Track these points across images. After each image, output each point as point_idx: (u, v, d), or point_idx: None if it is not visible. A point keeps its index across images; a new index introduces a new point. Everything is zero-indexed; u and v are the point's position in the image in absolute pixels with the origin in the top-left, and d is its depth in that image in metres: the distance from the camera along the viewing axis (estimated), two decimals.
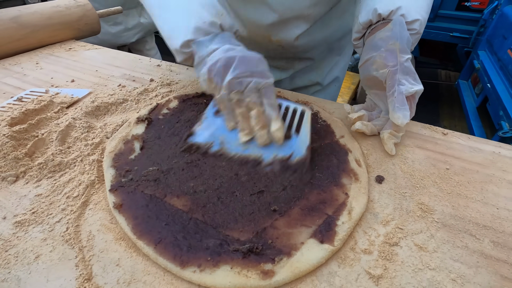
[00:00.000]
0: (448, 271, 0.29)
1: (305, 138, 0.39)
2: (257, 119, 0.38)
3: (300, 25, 0.58)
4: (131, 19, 1.40)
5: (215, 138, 0.40)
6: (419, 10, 0.43)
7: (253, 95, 0.37)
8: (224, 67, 0.37)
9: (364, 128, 0.44)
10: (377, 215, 0.34)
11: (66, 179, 0.37)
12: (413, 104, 0.41)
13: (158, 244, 0.28)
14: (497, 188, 0.38)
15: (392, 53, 0.40)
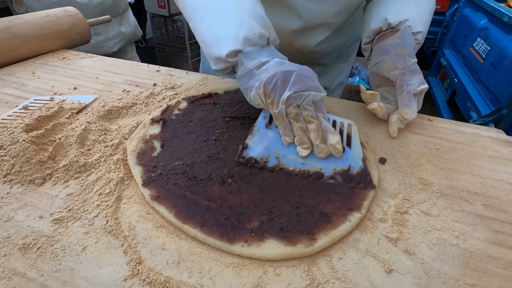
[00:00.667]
0: (452, 230, 0.33)
1: (358, 150, 0.40)
2: (317, 133, 0.38)
3: (322, 32, 0.60)
4: (111, 28, 1.38)
5: (270, 152, 0.40)
6: (423, 23, 0.50)
7: (310, 108, 0.38)
8: (282, 82, 0.37)
9: (379, 109, 0.50)
10: (385, 190, 0.38)
11: (94, 178, 0.38)
12: (420, 99, 0.48)
13: (203, 226, 0.31)
14: (480, 162, 0.44)
15: (401, 57, 0.47)
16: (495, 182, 0.41)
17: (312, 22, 0.58)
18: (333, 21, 0.59)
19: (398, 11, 0.49)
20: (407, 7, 0.49)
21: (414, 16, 0.48)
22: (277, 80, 0.37)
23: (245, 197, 0.35)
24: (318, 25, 0.59)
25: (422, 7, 0.50)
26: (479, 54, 1.32)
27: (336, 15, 0.58)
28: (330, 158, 0.39)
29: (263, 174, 0.39)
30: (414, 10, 0.49)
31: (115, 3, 1.35)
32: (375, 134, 0.50)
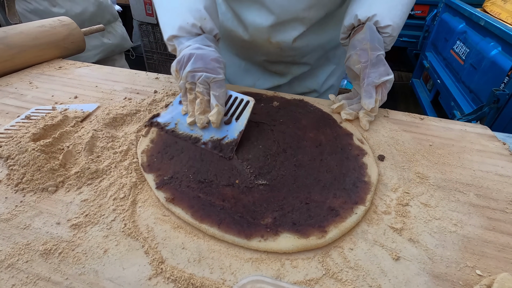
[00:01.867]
0: (450, 219, 0.36)
1: (241, 124, 0.46)
2: (199, 106, 0.46)
3: (297, 27, 0.62)
4: (92, 39, 1.36)
5: (173, 120, 0.49)
6: (392, 17, 0.52)
7: (202, 86, 0.45)
8: (186, 61, 0.46)
9: (348, 116, 0.54)
10: (386, 185, 0.41)
11: (107, 184, 0.39)
12: (384, 90, 0.52)
13: (220, 224, 0.32)
14: (470, 156, 0.48)
15: (364, 52, 0.51)
16: (484, 174, 0.44)
17: (283, 17, 0.60)
18: (305, 16, 0.61)
19: (367, 7, 0.52)
20: (376, 2, 0.52)
21: (382, 11, 0.51)
22: (183, 60, 0.46)
23: (256, 196, 0.37)
24: (290, 19, 0.61)
25: (393, 1, 0.52)
26: (459, 56, 1.39)
27: (307, 10, 0.60)
28: (212, 128, 0.47)
29: (272, 173, 0.40)
30: (383, 5, 0.52)
31: (96, 15, 1.33)
32: (371, 133, 0.52)
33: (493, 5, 1.42)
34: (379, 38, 0.51)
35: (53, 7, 1.19)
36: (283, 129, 0.50)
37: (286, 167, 0.42)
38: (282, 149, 0.45)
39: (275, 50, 0.67)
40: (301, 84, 0.79)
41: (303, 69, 0.76)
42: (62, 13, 1.21)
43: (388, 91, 0.53)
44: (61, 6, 1.21)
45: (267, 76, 0.77)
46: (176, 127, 0.48)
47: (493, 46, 1.14)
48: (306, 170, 0.42)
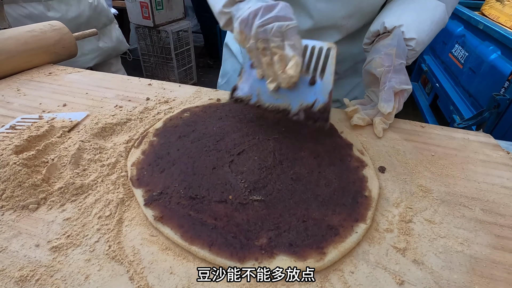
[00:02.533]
0: (456, 237, 0.34)
1: (328, 82, 0.41)
2: (279, 64, 0.39)
3: (333, 34, 0.61)
4: (87, 43, 1.35)
5: (253, 90, 0.44)
6: (418, 31, 0.51)
7: (276, 39, 0.39)
8: (253, 17, 0.40)
9: (361, 121, 0.53)
10: (388, 199, 0.39)
11: (92, 200, 0.36)
12: (401, 99, 0.50)
13: (212, 246, 0.30)
14: (474, 167, 0.46)
15: (389, 56, 0.50)
16: (490, 187, 0.42)
17: (322, 23, 0.59)
18: (344, 24, 0.59)
19: (395, 17, 0.52)
20: (405, 14, 0.52)
21: (409, 23, 0.51)
22: (249, 17, 0.40)
23: (250, 213, 0.35)
24: (328, 26, 0.60)
25: (422, 16, 0.52)
26: (458, 60, 1.38)
27: (346, 18, 0.58)
28: (299, 92, 0.41)
29: (267, 188, 0.38)
30: (412, 18, 0.51)
31: (93, 18, 1.32)
32: (371, 143, 0.50)
33: (491, 8, 1.41)
34: (404, 47, 0.51)
35: (48, 12, 1.17)
36: (281, 139, 0.48)
37: (283, 180, 0.40)
38: (279, 161, 0.43)
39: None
40: None
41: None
42: (58, 17, 1.19)
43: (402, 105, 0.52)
44: (57, 10, 1.20)
45: None
46: (259, 98, 0.43)
47: (492, 50, 1.13)
48: (303, 183, 0.40)
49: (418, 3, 0.53)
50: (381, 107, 0.50)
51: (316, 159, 0.44)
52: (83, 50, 1.33)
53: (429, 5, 0.53)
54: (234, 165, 0.42)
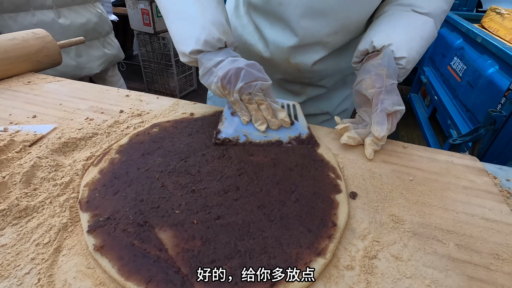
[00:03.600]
0: (423, 277, 0.31)
1: (303, 121, 0.53)
2: (267, 111, 0.49)
3: (318, 51, 0.61)
4: (95, 50, 1.37)
5: (239, 132, 0.49)
6: (408, 49, 0.50)
7: (259, 94, 0.49)
8: (235, 76, 0.47)
9: (351, 141, 0.50)
10: (354, 230, 0.36)
11: (34, 225, 0.34)
12: (394, 120, 0.49)
13: (149, 283, 0.28)
14: (454, 194, 0.43)
15: (379, 77, 0.48)
16: (468, 218, 0.39)
17: (306, 39, 0.58)
18: (329, 41, 0.59)
19: (384, 35, 0.51)
20: (394, 32, 0.51)
21: (398, 42, 0.50)
22: (231, 75, 0.47)
23: (198, 243, 0.32)
24: (313, 43, 0.59)
25: (411, 34, 0.51)
26: (456, 73, 1.34)
27: (331, 35, 0.58)
28: (284, 130, 0.51)
29: (229, 212, 0.36)
30: (401, 36, 0.51)
31: (98, 25, 1.35)
32: (348, 164, 0.48)
33: (491, 21, 1.38)
34: (395, 67, 0.50)
35: (59, 18, 1.19)
36: (252, 156, 0.46)
37: (248, 202, 0.37)
38: (247, 179, 0.41)
39: (293, 70, 0.65)
40: (314, 105, 0.76)
41: (319, 91, 0.73)
42: (68, 24, 1.22)
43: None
44: (67, 17, 1.22)
45: (282, 94, 0.75)
46: (248, 138, 0.49)
47: (490, 64, 1.09)
48: (272, 205, 0.37)
49: (406, 20, 0.52)
50: (374, 131, 0.47)
51: (288, 177, 0.42)
52: (91, 57, 1.35)
53: (418, 22, 0.52)
54: (196, 187, 0.39)
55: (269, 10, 0.58)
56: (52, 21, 1.19)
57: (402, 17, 0.52)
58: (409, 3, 0.53)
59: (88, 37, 1.31)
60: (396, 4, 0.54)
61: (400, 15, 0.52)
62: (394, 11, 0.53)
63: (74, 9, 1.26)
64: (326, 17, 0.54)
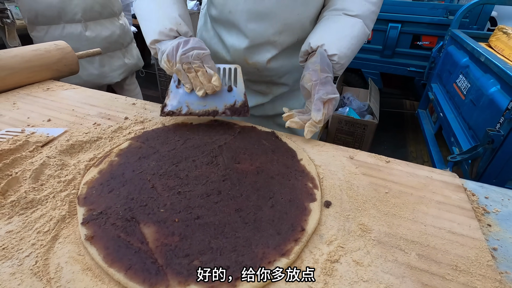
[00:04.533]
0: (379, 282, 0.33)
1: (241, 87, 0.58)
2: (203, 76, 0.56)
3: (270, 49, 0.69)
4: (116, 60, 1.47)
5: (182, 103, 0.57)
6: (338, 47, 0.60)
7: (197, 61, 0.55)
8: (176, 48, 0.55)
9: (294, 124, 0.58)
10: (322, 236, 0.39)
11: (38, 215, 0.39)
12: (330, 106, 0.58)
13: (128, 270, 0.31)
14: (426, 208, 0.45)
15: (315, 72, 0.58)
16: (436, 231, 0.41)
17: (256, 40, 0.67)
18: (276, 40, 0.68)
19: (318, 37, 0.61)
20: (326, 34, 0.61)
21: (330, 41, 0.60)
22: (172, 48, 0.55)
23: (176, 239, 0.36)
24: (263, 43, 0.68)
25: (341, 34, 0.61)
26: (461, 91, 1.35)
27: (277, 35, 0.67)
28: (222, 97, 0.57)
29: (209, 212, 0.39)
30: (331, 37, 0.61)
31: (121, 37, 1.45)
32: (328, 175, 0.51)
33: (497, 40, 1.39)
34: (328, 62, 0.59)
35: (86, 31, 1.30)
36: (238, 162, 0.50)
37: (228, 206, 0.41)
38: (230, 185, 0.45)
39: (253, 70, 0.74)
40: (283, 104, 0.83)
41: (283, 89, 0.82)
42: (94, 36, 1.32)
43: (332, 111, 0.59)
44: (93, 30, 1.32)
45: (251, 95, 0.83)
46: (190, 108, 0.56)
47: (492, 83, 1.09)
48: (247, 209, 0.40)
49: (337, 22, 0.62)
50: (312, 116, 0.56)
51: (269, 185, 0.45)
52: (113, 67, 1.45)
53: (348, 23, 0.61)
54: (182, 189, 0.44)
55: (223, 19, 0.69)
56: (80, 34, 1.29)
57: (334, 20, 0.62)
58: (341, 7, 0.62)
59: (111, 48, 1.42)
60: (331, 9, 0.64)
61: (332, 19, 0.62)
62: (329, 16, 0.63)
63: (100, 23, 1.36)
64: (269, 19, 0.64)
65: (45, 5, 1.18)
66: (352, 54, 0.62)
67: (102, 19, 1.36)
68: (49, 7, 1.19)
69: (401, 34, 2.17)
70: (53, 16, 1.22)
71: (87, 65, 1.36)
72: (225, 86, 0.58)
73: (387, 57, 2.25)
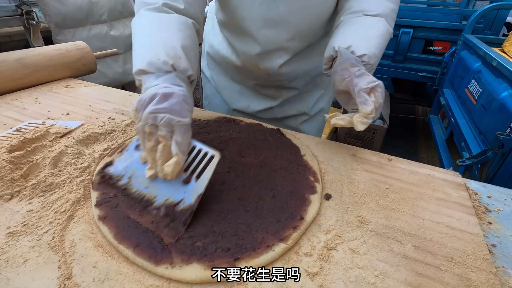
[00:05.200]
0: (374, 269, 0.34)
1: (200, 185, 0.39)
2: (161, 153, 0.39)
3: (282, 55, 0.68)
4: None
5: (127, 171, 0.43)
6: (367, 46, 0.55)
7: (165, 129, 0.39)
8: (149, 100, 0.40)
9: (340, 121, 0.50)
10: (321, 226, 0.40)
11: (56, 197, 0.42)
12: (377, 94, 0.49)
13: (136, 247, 0.34)
14: (426, 204, 0.45)
15: (345, 70, 0.51)
16: (433, 225, 0.41)
17: (268, 46, 0.66)
18: (289, 46, 0.66)
19: (342, 40, 0.56)
20: (351, 35, 0.56)
21: (356, 42, 0.54)
22: (146, 99, 0.40)
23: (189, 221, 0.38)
24: (275, 49, 0.67)
25: (366, 33, 0.56)
26: (472, 96, 1.33)
27: (289, 41, 0.65)
28: (170, 187, 0.40)
29: (206, 198, 0.42)
30: (358, 36, 0.55)
31: None
32: (330, 170, 0.52)
33: (511, 45, 1.37)
34: (356, 58, 0.53)
35: (111, 31, 1.38)
36: (242, 155, 0.52)
37: (231, 195, 0.43)
38: (234, 176, 0.47)
39: (263, 75, 0.73)
40: (291, 107, 0.84)
41: (292, 93, 0.81)
42: (118, 35, 1.39)
43: (383, 99, 0.50)
44: (117, 29, 1.40)
45: (260, 98, 0.83)
46: (129, 182, 0.42)
47: (504, 88, 1.08)
48: (249, 199, 0.42)
49: (360, 23, 0.58)
50: (362, 108, 0.48)
51: (271, 177, 0.47)
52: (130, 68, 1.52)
53: (371, 23, 0.58)
54: None
55: (234, 25, 0.66)
56: (106, 34, 1.36)
57: (355, 22, 0.58)
58: (360, 9, 0.58)
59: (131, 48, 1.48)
60: (349, 13, 0.60)
61: (353, 21, 0.58)
62: (348, 19, 0.59)
63: (122, 22, 1.44)
64: (281, 26, 0.62)
65: (74, 8, 1.25)
66: (380, 54, 0.57)
67: (123, 18, 1.43)
68: (78, 9, 1.25)
69: (413, 39, 2.16)
70: (81, 18, 1.28)
71: (112, 63, 1.42)
72: (184, 174, 0.41)
73: (399, 62, 2.24)
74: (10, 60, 0.78)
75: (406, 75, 2.25)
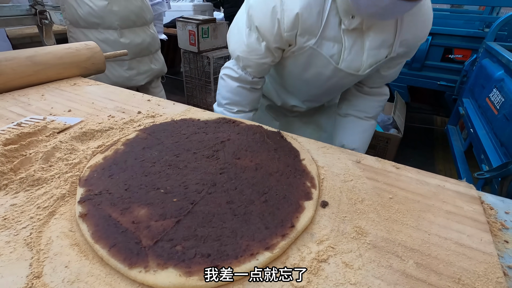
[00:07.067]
0: (368, 286, 0.31)
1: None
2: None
3: (299, 108, 0.91)
4: (143, 65, 1.57)
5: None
6: (363, 148, 0.83)
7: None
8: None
9: None
10: (313, 235, 0.37)
11: (41, 192, 0.41)
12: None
13: (112, 247, 0.32)
14: (433, 217, 0.41)
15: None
16: (441, 241, 0.37)
17: (304, 99, 0.87)
18: (322, 99, 0.88)
19: (351, 141, 0.82)
20: (356, 139, 0.82)
21: (359, 145, 0.81)
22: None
23: (169, 223, 0.36)
24: (307, 100, 0.88)
25: (366, 136, 0.83)
26: (494, 105, 1.25)
27: (324, 95, 0.85)
28: None
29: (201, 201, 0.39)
30: (361, 141, 0.82)
31: (151, 45, 1.57)
32: (330, 177, 0.49)
33: None
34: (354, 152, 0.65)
35: (121, 38, 1.41)
36: (238, 156, 0.49)
37: (220, 197, 0.41)
38: (227, 178, 0.44)
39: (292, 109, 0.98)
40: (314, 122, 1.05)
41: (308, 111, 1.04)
42: (127, 43, 1.42)
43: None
44: (127, 37, 1.43)
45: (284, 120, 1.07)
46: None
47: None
48: (239, 202, 0.40)
49: (362, 127, 0.82)
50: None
51: (265, 181, 0.45)
52: (140, 71, 1.57)
53: (369, 126, 0.83)
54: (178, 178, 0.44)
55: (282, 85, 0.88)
56: (115, 40, 1.40)
57: (359, 125, 0.82)
58: (363, 110, 0.81)
59: (141, 54, 1.52)
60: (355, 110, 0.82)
61: (359, 124, 0.81)
62: (354, 119, 0.82)
63: (134, 31, 1.47)
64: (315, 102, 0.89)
65: (87, 12, 1.29)
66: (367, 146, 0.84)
67: (135, 27, 1.46)
68: (90, 14, 1.29)
69: (431, 47, 2.08)
70: (93, 22, 1.32)
71: (117, 67, 1.45)
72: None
73: (416, 70, 2.16)
74: (21, 58, 0.80)
75: (423, 83, 2.16)
